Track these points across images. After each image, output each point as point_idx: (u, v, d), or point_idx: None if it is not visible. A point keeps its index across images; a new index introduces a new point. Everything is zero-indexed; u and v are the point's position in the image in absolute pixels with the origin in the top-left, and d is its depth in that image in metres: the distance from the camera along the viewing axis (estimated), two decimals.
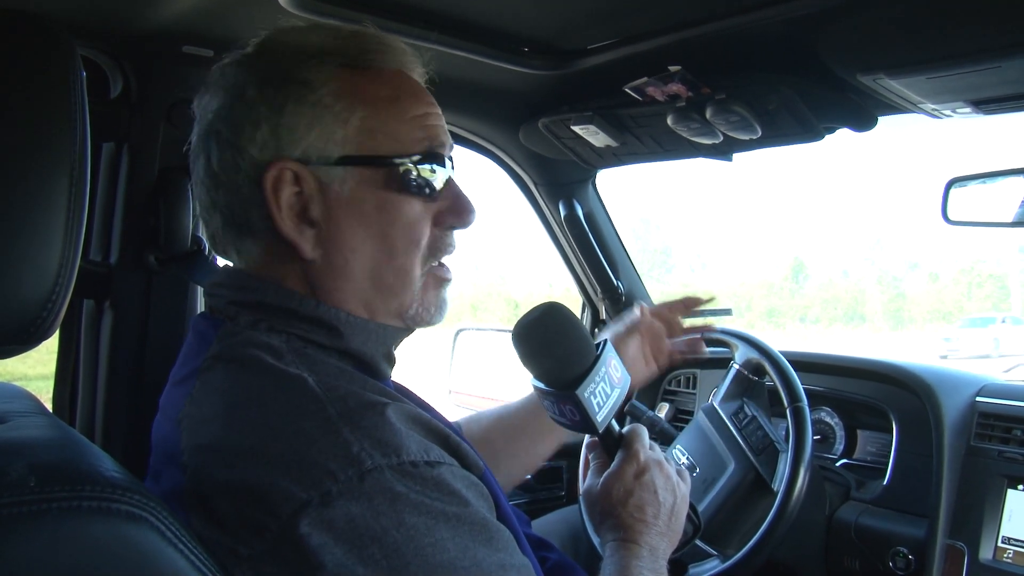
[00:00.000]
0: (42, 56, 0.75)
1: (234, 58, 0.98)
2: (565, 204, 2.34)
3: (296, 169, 0.92)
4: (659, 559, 1.12)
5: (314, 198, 0.93)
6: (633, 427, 1.21)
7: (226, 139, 0.94)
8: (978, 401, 1.79)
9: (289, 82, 0.93)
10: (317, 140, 0.93)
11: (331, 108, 0.93)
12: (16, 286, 0.71)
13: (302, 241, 0.94)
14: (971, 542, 1.63)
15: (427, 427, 0.86)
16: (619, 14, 1.43)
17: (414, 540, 0.75)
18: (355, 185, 0.94)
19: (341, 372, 0.90)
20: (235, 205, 0.95)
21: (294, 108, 0.92)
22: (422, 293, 1.01)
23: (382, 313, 0.99)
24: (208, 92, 0.98)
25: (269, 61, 0.95)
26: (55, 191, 0.73)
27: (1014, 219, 1.65)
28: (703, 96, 1.61)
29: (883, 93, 1.50)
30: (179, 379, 0.95)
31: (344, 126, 0.94)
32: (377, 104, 0.96)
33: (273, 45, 0.97)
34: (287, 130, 0.92)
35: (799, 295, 37.55)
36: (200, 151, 0.97)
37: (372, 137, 0.95)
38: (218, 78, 0.97)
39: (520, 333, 1.09)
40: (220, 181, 0.95)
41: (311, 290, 0.96)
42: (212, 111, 0.96)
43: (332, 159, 0.93)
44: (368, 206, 0.95)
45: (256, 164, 0.92)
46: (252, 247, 0.97)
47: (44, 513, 0.62)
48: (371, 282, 0.97)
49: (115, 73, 1.52)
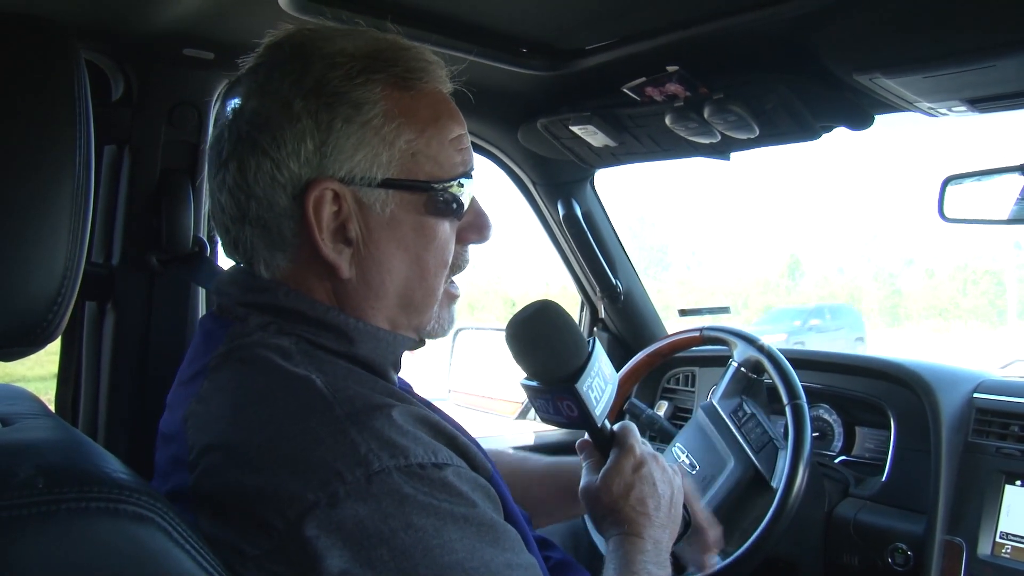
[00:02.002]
0: (46, 59, 0.75)
1: (270, 60, 0.94)
2: (564, 204, 2.34)
3: (337, 189, 0.90)
4: (662, 551, 1.13)
5: (352, 218, 0.92)
6: (624, 423, 1.21)
7: (264, 150, 0.90)
8: (975, 397, 1.80)
9: (340, 101, 0.90)
10: (362, 161, 0.91)
11: (379, 131, 0.91)
12: (22, 288, 0.72)
13: (340, 261, 0.92)
14: (969, 538, 1.64)
15: (435, 428, 0.86)
16: (617, 15, 1.44)
17: (422, 542, 0.75)
18: (396, 208, 0.93)
19: (349, 373, 0.90)
20: (268, 218, 0.92)
21: (343, 128, 0.90)
22: (439, 309, 1.02)
23: (404, 328, 1.00)
24: (243, 94, 0.94)
25: (314, 71, 0.91)
26: (59, 194, 0.73)
27: (1010, 216, 1.66)
28: (701, 96, 1.62)
29: (879, 92, 1.51)
30: (186, 378, 0.95)
31: (390, 149, 0.92)
32: (419, 126, 0.94)
33: (311, 51, 0.93)
34: (334, 149, 0.90)
35: (795, 292, 37.55)
36: (231, 156, 0.92)
37: (415, 161, 0.94)
38: (254, 81, 0.93)
39: (514, 331, 1.10)
40: (254, 192, 0.91)
41: (339, 305, 0.95)
42: (247, 117, 0.92)
43: (376, 181, 0.92)
44: (406, 228, 0.94)
45: (296, 180, 0.90)
46: (282, 260, 0.94)
47: (52, 514, 0.63)
48: (399, 300, 0.97)
49: (116, 75, 1.52)
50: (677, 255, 41.65)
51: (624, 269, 2.51)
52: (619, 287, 2.47)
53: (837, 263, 44.24)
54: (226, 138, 0.93)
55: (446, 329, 1.04)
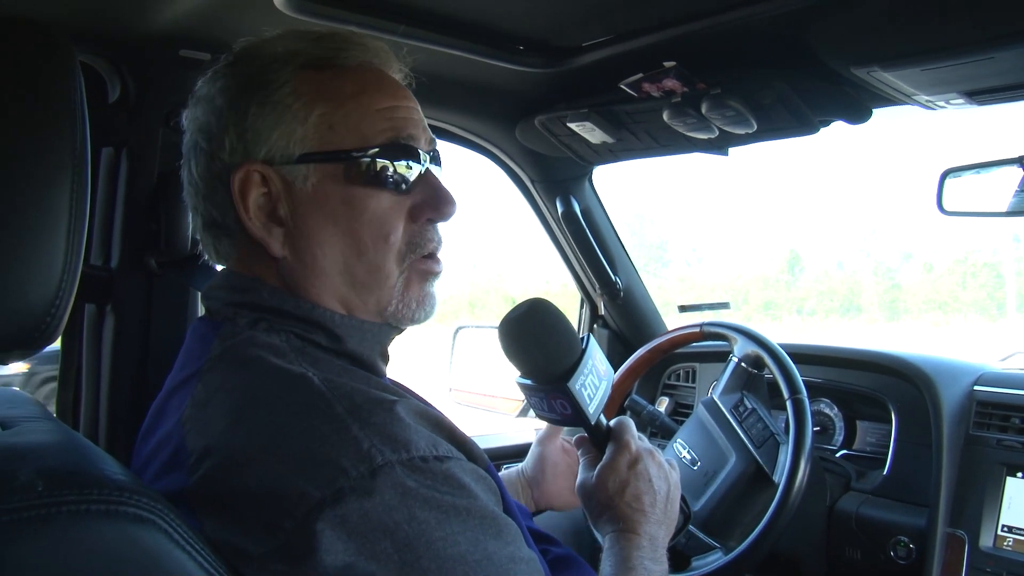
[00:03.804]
0: (42, 62, 0.76)
1: (211, 70, 1.01)
2: (562, 201, 2.34)
3: (262, 170, 0.95)
4: (659, 548, 1.13)
5: (281, 197, 0.96)
6: (620, 419, 1.22)
7: (203, 148, 0.98)
8: (976, 390, 1.80)
9: (250, 86, 0.96)
10: (279, 140, 0.95)
11: (290, 107, 0.95)
12: (20, 291, 0.72)
13: (270, 240, 0.96)
14: (971, 530, 1.64)
15: (434, 422, 0.87)
16: (613, 11, 1.44)
17: (425, 534, 0.76)
18: (317, 181, 0.96)
19: (344, 369, 0.92)
20: (211, 209, 0.99)
21: (257, 111, 0.95)
22: (404, 290, 1.01)
23: (360, 309, 0.99)
24: (192, 106, 1.02)
25: (237, 70, 0.98)
26: (57, 196, 0.74)
27: (1009, 209, 1.66)
28: (698, 91, 1.62)
29: (877, 86, 1.51)
30: (178, 382, 0.96)
31: (303, 124, 0.95)
32: (338, 100, 0.97)
33: (244, 55, 1.00)
34: (252, 133, 0.95)
35: (795, 287, 37.50)
36: (185, 162, 1.02)
37: (332, 132, 0.96)
38: (197, 91, 1.02)
39: (507, 329, 1.10)
40: (198, 188, 1.00)
41: (287, 288, 0.98)
42: (193, 123, 1.01)
43: (294, 157, 0.95)
44: (333, 202, 0.96)
45: (226, 168, 0.96)
46: (229, 248, 1.01)
47: (53, 517, 0.63)
48: (343, 278, 0.98)
49: (113, 78, 1.52)
50: (677, 251, 41.61)
51: (623, 266, 2.51)
52: (618, 284, 2.47)
53: (836, 258, 44.21)
54: (183, 146, 1.03)
55: (415, 310, 1.02)
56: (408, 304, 1.01)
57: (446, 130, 2.11)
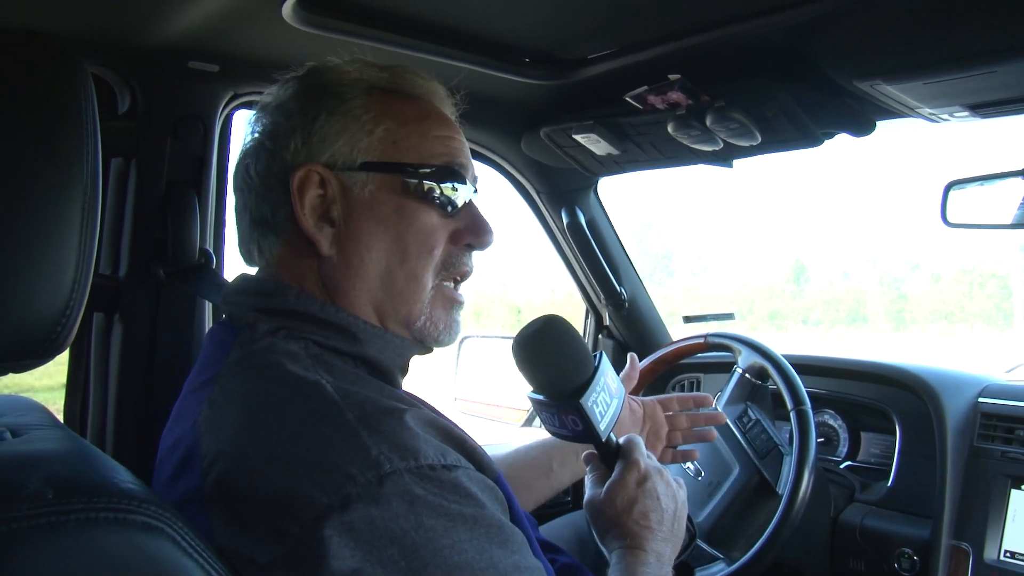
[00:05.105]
0: (53, 75, 0.76)
1: (284, 80, 1.07)
2: (567, 212, 2.35)
3: (322, 172, 1.00)
4: (665, 565, 1.13)
5: (336, 200, 1.00)
6: (630, 436, 1.22)
7: (267, 149, 1.03)
8: (980, 402, 1.80)
9: (323, 96, 1.02)
10: (344, 146, 1.00)
11: (359, 119, 1.01)
12: (31, 301, 0.72)
13: (321, 237, 1.00)
14: (976, 542, 1.63)
15: (444, 431, 0.88)
16: (618, 24, 1.44)
17: (432, 542, 0.76)
18: (375, 189, 1.01)
19: (358, 378, 0.93)
20: (263, 206, 1.03)
21: (326, 118, 1.01)
22: (431, 307, 1.04)
23: (391, 319, 1.02)
24: (259, 109, 1.07)
25: (311, 80, 1.05)
26: (68, 207, 0.74)
27: (1013, 221, 1.66)
28: (703, 104, 1.62)
29: (881, 98, 1.52)
30: (197, 385, 0.97)
31: (369, 135, 1.01)
32: (402, 120, 1.04)
33: (319, 68, 1.07)
34: (318, 138, 1.00)
35: (801, 297, 37.43)
36: (242, 163, 1.06)
37: (395, 148, 1.02)
38: (266, 97, 1.07)
39: (520, 345, 1.10)
40: (253, 185, 1.04)
41: (325, 289, 1.01)
42: (258, 125, 1.06)
43: (356, 164, 1.00)
44: (386, 209, 1.01)
45: (287, 168, 1.00)
46: (274, 243, 1.03)
47: (62, 525, 0.63)
48: (382, 283, 1.01)
49: (122, 89, 1.54)
50: (682, 262, 41.57)
51: (628, 276, 2.51)
52: (623, 294, 2.48)
53: (842, 268, 44.10)
54: (242, 151, 1.08)
55: (441, 331, 1.07)
56: (435, 323, 1.06)
57: None
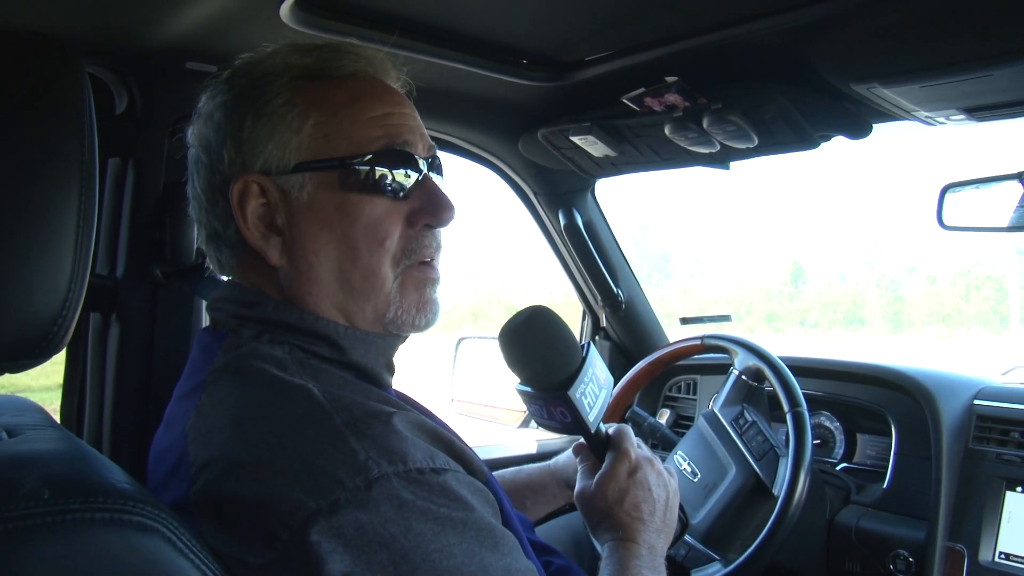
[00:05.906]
0: (51, 75, 0.76)
1: (210, 86, 1.03)
2: (564, 213, 2.35)
3: (259, 181, 0.97)
4: (657, 556, 1.13)
5: (278, 207, 0.97)
6: (619, 427, 1.22)
7: (204, 162, 1.00)
8: (976, 404, 1.80)
9: (245, 99, 0.98)
10: (275, 150, 0.97)
11: (284, 117, 0.97)
12: (28, 301, 0.72)
13: (268, 249, 0.98)
14: (971, 544, 1.64)
15: (432, 434, 0.88)
16: (616, 26, 1.45)
17: (421, 546, 0.76)
18: (313, 189, 0.97)
19: (345, 382, 0.92)
20: (213, 221, 1.00)
21: (252, 122, 0.97)
22: (400, 296, 1.00)
23: (359, 318, 0.99)
24: (195, 121, 1.04)
25: (233, 83, 1.00)
26: (65, 207, 0.74)
27: (1010, 224, 1.66)
28: (700, 106, 1.63)
29: (877, 101, 1.52)
30: (184, 392, 0.97)
31: (298, 134, 0.97)
32: (332, 109, 0.98)
33: (241, 69, 1.02)
34: (249, 144, 0.97)
35: (798, 299, 37.43)
36: (189, 176, 1.04)
37: (327, 141, 0.97)
38: (199, 107, 1.04)
39: (507, 337, 1.10)
40: (200, 201, 1.02)
41: (285, 297, 0.99)
42: (195, 138, 1.03)
43: (290, 167, 0.97)
44: (328, 209, 0.97)
45: (225, 180, 0.98)
46: (229, 258, 1.02)
47: (58, 525, 0.63)
48: (339, 285, 0.98)
49: (120, 89, 1.53)
50: (680, 263, 41.59)
51: (625, 278, 2.52)
52: (620, 296, 2.48)
53: (839, 270, 44.17)
54: (188, 165, 1.05)
55: (415, 315, 1.02)
56: (407, 310, 1.01)
57: (450, 142, 2.12)
